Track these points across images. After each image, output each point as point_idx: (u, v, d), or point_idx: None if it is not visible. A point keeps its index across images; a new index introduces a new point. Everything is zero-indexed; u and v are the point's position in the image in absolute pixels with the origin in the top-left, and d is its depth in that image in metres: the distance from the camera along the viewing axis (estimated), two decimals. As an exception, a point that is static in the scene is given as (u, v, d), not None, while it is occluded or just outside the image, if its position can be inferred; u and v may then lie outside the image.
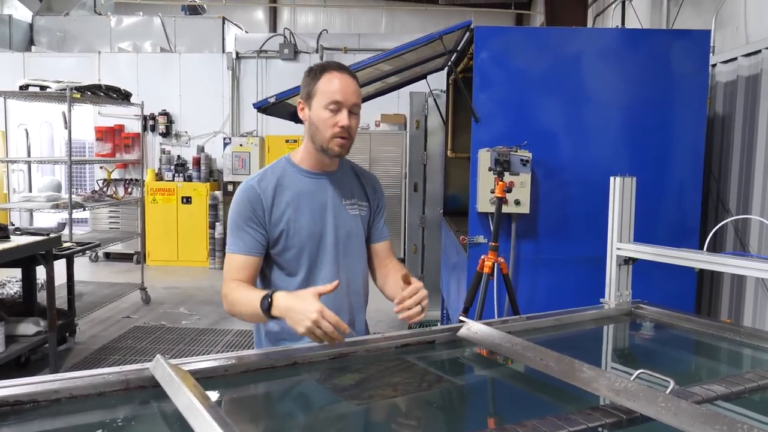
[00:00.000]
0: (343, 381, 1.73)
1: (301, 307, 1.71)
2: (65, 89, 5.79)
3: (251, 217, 1.96)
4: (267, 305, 1.78)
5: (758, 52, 3.91)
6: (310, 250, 2.00)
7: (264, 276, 2.06)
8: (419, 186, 7.19)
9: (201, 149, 9.90)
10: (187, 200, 9.56)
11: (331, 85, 1.92)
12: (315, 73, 1.97)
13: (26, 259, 4.72)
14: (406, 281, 1.83)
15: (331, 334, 1.69)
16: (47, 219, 9.06)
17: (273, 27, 15.11)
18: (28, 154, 10.15)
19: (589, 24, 8.16)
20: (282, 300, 1.77)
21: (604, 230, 2.46)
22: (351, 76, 1.97)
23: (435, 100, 6.44)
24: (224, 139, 9.84)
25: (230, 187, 9.83)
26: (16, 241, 4.54)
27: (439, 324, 6.18)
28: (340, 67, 1.97)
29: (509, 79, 3.89)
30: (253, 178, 2.03)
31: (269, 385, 1.72)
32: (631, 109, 3.90)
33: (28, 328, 4.80)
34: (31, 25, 11.14)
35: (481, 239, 3.90)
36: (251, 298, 1.84)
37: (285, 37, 10.08)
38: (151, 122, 9.94)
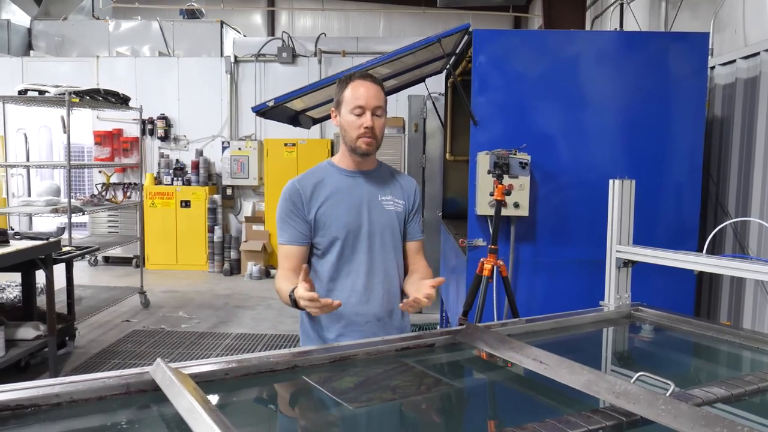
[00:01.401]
0: (343, 384, 1.73)
1: (304, 300, 1.90)
2: (64, 94, 5.80)
3: (293, 211, 2.19)
4: (293, 302, 1.99)
5: (757, 54, 3.92)
6: (344, 239, 2.19)
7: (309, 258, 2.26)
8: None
9: (200, 153, 9.90)
10: (185, 204, 9.55)
11: (356, 93, 2.16)
12: (342, 84, 2.21)
13: (26, 264, 4.72)
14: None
15: (318, 306, 1.87)
16: (46, 223, 9.07)
17: (271, 31, 15.12)
18: (27, 159, 10.14)
19: (588, 27, 8.18)
20: (297, 295, 1.95)
21: (603, 233, 2.46)
22: (374, 82, 2.20)
23: (434, 103, 6.44)
24: (223, 142, 9.84)
25: (229, 191, 9.83)
26: (16, 245, 4.53)
27: (438, 327, 6.18)
28: (363, 76, 2.21)
29: (508, 82, 3.89)
30: (296, 178, 2.26)
31: (269, 389, 1.73)
32: (629, 112, 3.90)
33: (27, 332, 4.79)
34: (29, 30, 11.14)
35: (480, 242, 3.91)
36: (285, 290, 2.05)
37: (283, 40, 10.09)
38: (149, 126, 9.94)
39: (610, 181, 2.44)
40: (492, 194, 3.61)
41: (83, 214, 6.67)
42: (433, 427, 1.58)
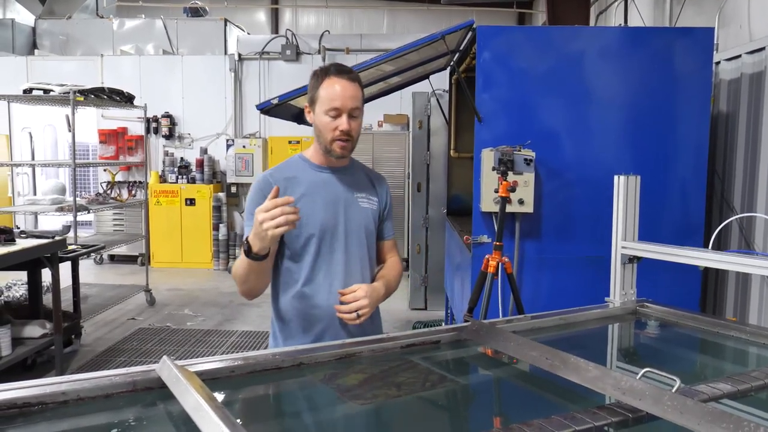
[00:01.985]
0: (348, 381, 1.73)
1: (256, 227, 1.82)
2: (68, 92, 5.81)
3: None
4: (248, 248, 1.88)
5: (762, 49, 3.90)
6: (320, 238, 2.09)
7: (275, 265, 2.14)
8: (422, 186, 7.19)
9: (204, 151, 9.92)
10: (190, 202, 9.58)
11: (331, 92, 2.02)
12: (317, 77, 2.07)
13: (31, 262, 4.74)
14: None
15: (278, 215, 1.77)
16: (52, 222, 9.11)
17: (275, 28, 15.11)
18: (33, 158, 10.18)
19: (592, 23, 8.15)
20: (251, 236, 1.87)
21: (608, 229, 2.46)
22: (351, 79, 2.05)
23: (438, 100, 6.44)
24: (227, 140, 9.86)
25: (233, 189, 9.85)
26: (22, 244, 4.55)
27: (443, 324, 6.18)
28: (340, 72, 2.05)
29: (512, 79, 3.88)
30: (268, 171, 2.17)
31: (275, 386, 1.73)
32: (634, 108, 3.89)
33: (34, 330, 4.82)
34: (33, 29, 11.17)
35: (485, 239, 3.90)
36: (240, 258, 1.96)
37: (287, 38, 10.09)
38: (154, 125, 9.96)
39: (615, 178, 2.43)
40: (497, 191, 3.60)
41: (88, 212, 6.69)
42: (438, 424, 1.58)
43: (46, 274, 5.15)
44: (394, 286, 2.27)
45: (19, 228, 5.34)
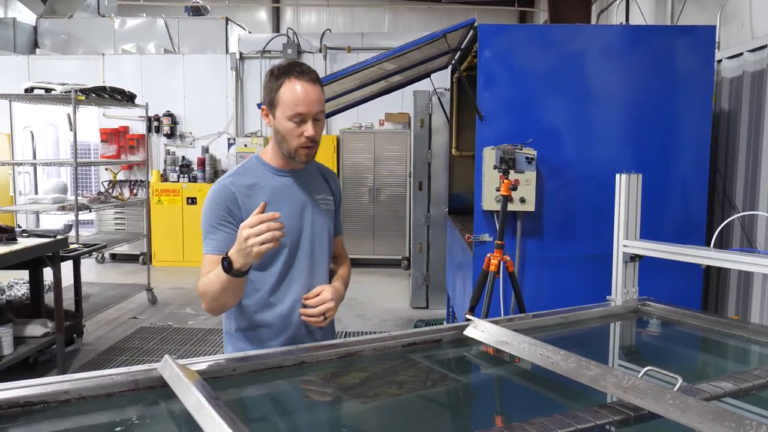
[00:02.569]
0: (350, 380, 1.73)
1: (240, 241, 1.75)
2: (70, 91, 5.81)
3: (225, 217, 1.95)
4: (227, 264, 1.79)
5: (764, 47, 3.89)
6: (289, 246, 2.01)
7: None
8: (424, 185, 7.19)
9: (205, 150, 9.93)
10: (192, 201, 9.58)
11: (294, 96, 1.90)
12: (276, 78, 1.94)
13: (33, 261, 4.74)
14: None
15: (265, 231, 1.71)
16: (53, 221, 9.09)
17: (276, 27, 15.10)
18: (34, 157, 10.18)
19: (593, 21, 8.14)
20: (232, 251, 1.80)
21: (609, 228, 2.45)
22: (312, 81, 1.94)
23: (439, 98, 6.43)
24: (228, 139, 9.85)
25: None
26: (23, 243, 4.55)
27: (445, 323, 6.18)
28: (301, 72, 1.93)
29: (513, 77, 3.88)
30: (226, 178, 2.03)
31: (277, 385, 1.73)
32: (636, 106, 3.89)
33: (35, 329, 4.82)
34: (35, 28, 11.17)
35: (486, 237, 3.90)
36: (215, 273, 1.86)
37: (288, 37, 10.09)
38: (155, 123, 9.97)
39: (617, 176, 2.43)
40: (498, 189, 3.60)
41: (90, 211, 6.70)
42: (440, 423, 1.58)
43: (47, 273, 5.16)
44: (347, 285, 2.24)
45: (20, 227, 5.34)
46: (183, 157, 9.93)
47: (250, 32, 11.72)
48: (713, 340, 2.20)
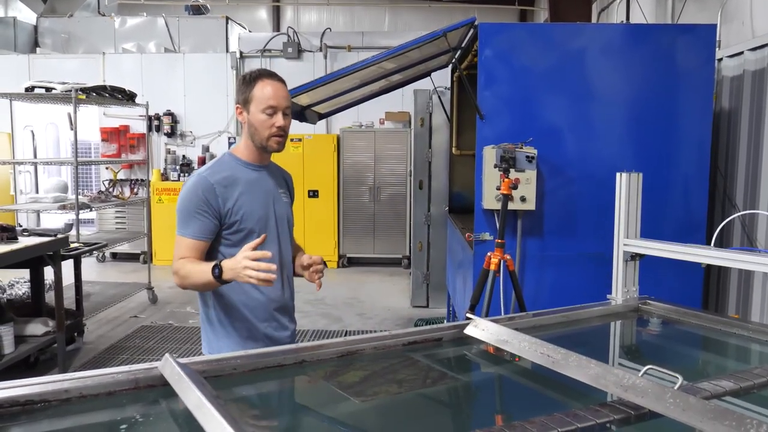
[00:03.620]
0: (350, 378, 1.73)
1: (238, 264, 2.01)
2: (70, 91, 5.81)
3: (203, 206, 2.18)
4: (218, 272, 2.05)
5: (764, 46, 3.89)
6: (258, 233, 2.22)
7: (212, 248, 2.25)
8: (424, 183, 7.18)
9: (206, 149, 9.92)
10: (192, 200, 9.57)
11: (266, 92, 2.19)
12: (248, 81, 2.22)
13: (34, 260, 4.74)
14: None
15: (263, 270, 1.95)
16: (54, 220, 9.09)
17: (276, 26, 15.09)
18: (35, 156, 10.17)
19: (594, 20, 8.14)
20: (226, 265, 2.05)
21: (610, 227, 2.45)
22: (280, 82, 2.25)
23: (439, 97, 6.43)
24: (229, 138, 9.85)
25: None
26: (24, 242, 4.55)
27: (445, 321, 6.18)
28: (270, 75, 2.24)
29: (514, 76, 3.88)
30: (205, 170, 2.25)
31: (277, 383, 1.73)
32: (636, 105, 3.88)
33: (36, 328, 4.82)
34: (35, 27, 11.17)
35: (487, 236, 3.90)
36: (202, 269, 2.11)
37: (289, 36, 10.08)
38: (156, 122, 9.96)
39: (617, 175, 2.43)
40: (499, 188, 3.60)
41: (91, 210, 6.70)
42: (440, 421, 1.58)
43: (48, 272, 5.16)
44: None
45: (21, 226, 5.35)
46: (183, 156, 9.93)
47: (250, 31, 11.71)
48: (713, 339, 2.20)
